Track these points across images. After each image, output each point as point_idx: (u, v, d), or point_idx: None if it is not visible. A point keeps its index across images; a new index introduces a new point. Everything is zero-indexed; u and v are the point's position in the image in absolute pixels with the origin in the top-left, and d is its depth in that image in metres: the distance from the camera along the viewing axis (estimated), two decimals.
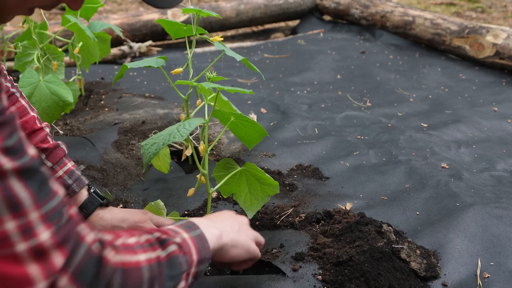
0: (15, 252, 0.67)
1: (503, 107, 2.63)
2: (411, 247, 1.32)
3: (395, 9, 4.02)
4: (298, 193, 1.67)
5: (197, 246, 0.94)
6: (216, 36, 1.38)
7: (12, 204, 0.66)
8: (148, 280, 0.82)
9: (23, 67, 2.19)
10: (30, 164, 0.69)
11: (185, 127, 1.17)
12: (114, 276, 0.78)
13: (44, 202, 0.70)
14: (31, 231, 0.68)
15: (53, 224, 0.71)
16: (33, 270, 0.68)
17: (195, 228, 0.97)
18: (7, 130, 0.67)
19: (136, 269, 0.82)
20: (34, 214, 0.69)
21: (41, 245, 0.69)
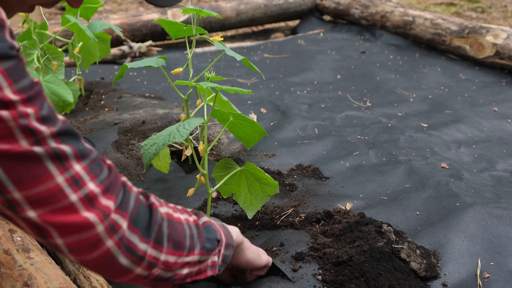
0: (70, 202, 0.75)
1: (503, 107, 2.63)
2: (411, 247, 1.32)
3: (395, 9, 4.02)
4: (298, 193, 1.67)
5: (223, 230, 1.01)
6: (216, 36, 1.39)
7: (59, 159, 0.75)
8: (189, 236, 0.90)
9: None
10: (65, 127, 0.77)
11: (185, 127, 1.17)
12: (163, 224, 0.86)
13: (84, 156, 0.78)
14: (79, 182, 0.76)
15: (96, 175, 0.79)
16: (89, 215, 0.77)
17: (217, 220, 1.05)
18: (39, 101, 0.74)
19: (179, 224, 0.90)
20: (78, 166, 0.77)
21: (91, 192, 0.77)
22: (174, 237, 0.87)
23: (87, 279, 1.07)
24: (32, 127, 0.72)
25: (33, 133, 0.72)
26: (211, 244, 0.95)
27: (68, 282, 0.91)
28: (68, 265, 1.13)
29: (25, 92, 0.72)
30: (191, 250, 0.90)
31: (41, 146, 0.73)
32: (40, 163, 0.73)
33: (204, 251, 0.93)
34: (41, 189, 0.73)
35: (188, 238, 0.90)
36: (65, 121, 0.78)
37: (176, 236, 0.88)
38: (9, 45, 0.70)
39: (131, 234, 0.81)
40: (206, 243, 0.94)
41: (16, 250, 0.95)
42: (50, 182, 0.74)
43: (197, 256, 0.92)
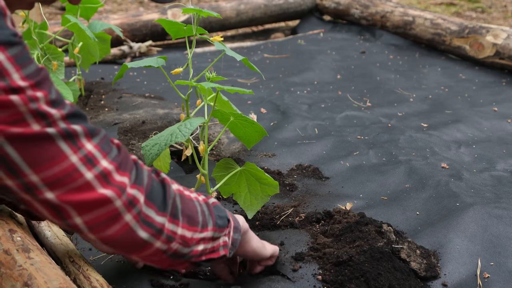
0: (86, 181, 0.78)
1: (503, 107, 2.63)
2: (411, 247, 1.32)
3: (395, 9, 4.02)
4: (298, 193, 1.67)
5: (231, 215, 1.03)
6: (216, 36, 1.39)
7: (71, 138, 0.77)
8: (201, 212, 0.93)
9: None
10: (73, 110, 0.79)
11: (187, 127, 1.17)
12: (176, 199, 0.89)
13: (94, 134, 0.81)
14: (92, 160, 0.79)
15: (108, 153, 0.81)
16: (106, 191, 0.79)
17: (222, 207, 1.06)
18: (47, 85, 0.77)
19: (190, 200, 0.93)
20: (90, 145, 0.79)
21: (105, 169, 0.80)
22: (187, 212, 0.90)
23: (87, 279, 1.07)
24: (42, 110, 0.74)
25: (44, 116, 0.74)
26: (223, 222, 0.97)
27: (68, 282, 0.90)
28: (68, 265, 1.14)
29: (33, 77, 0.74)
30: (205, 226, 0.93)
31: (52, 127, 0.75)
32: (53, 143, 0.75)
33: (216, 227, 0.96)
34: (56, 170, 0.75)
35: (200, 214, 0.92)
36: (73, 104, 0.80)
37: (189, 211, 0.90)
38: (12, 32, 0.71)
39: (148, 208, 0.83)
40: (218, 220, 0.96)
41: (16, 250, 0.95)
42: (65, 162, 0.76)
43: (210, 232, 0.94)
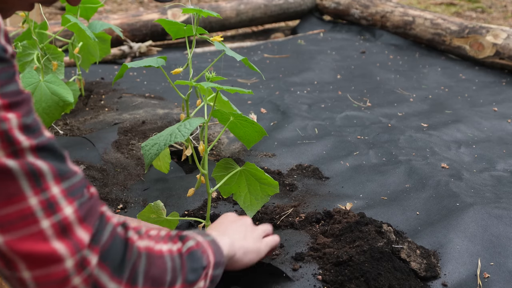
0: (40, 229, 0.67)
1: (503, 107, 2.63)
2: (411, 247, 1.32)
3: (395, 9, 4.02)
4: (298, 193, 1.67)
5: (213, 249, 0.95)
6: (216, 36, 1.39)
7: (35, 178, 0.67)
8: (171, 269, 0.82)
9: (23, 67, 2.19)
10: (48, 142, 0.70)
11: (186, 127, 1.17)
12: (140, 260, 0.78)
13: (65, 178, 0.71)
14: (54, 206, 0.68)
15: (75, 199, 0.71)
16: (60, 247, 0.68)
17: (207, 234, 0.99)
18: (25, 108, 0.69)
19: (160, 257, 0.81)
20: (56, 189, 0.69)
21: (65, 219, 0.69)
22: (153, 273, 0.79)
23: None
24: (11, 134, 0.66)
25: (11, 142, 0.66)
26: (195, 275, 0.87)
27: None
28: None
29: (9, 97, 0.67)
30: (172, 284, 0.83)
31: (17, 159, 0.66)
32: (13, 180, 0.66)
33: (186, 284, 0.85)
34: (10, 210, 0.66)
35: (170, 272, 0.82)
36: (52, 138, 0.72)
37: (155, 272, 0.80)
38: (2, 47, 0.67)
39: (100, 271, 0.73)
40: (189, 275, 0.86)
41: None
42: (22, 203, 0.66)
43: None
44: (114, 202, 1.63)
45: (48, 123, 1.86)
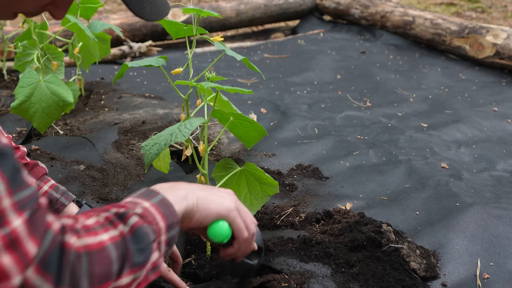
0: None
1: (503, 107, 2.63)
2: (411, 247, 1.32)
3: (395, 9, 4.02)
4: (298, 193, 1.67)
5: (162, 212, 0.86)
6: (216, 36, 1.39)
7: None
8: (116, 258, 0.78)
9: (23, 67, 2.19)
10: (2, 149, 0.67)
11: (187, 127, 1.17)
12: (80, 262, 0.75)
13: (17, 190, 0.68)
14: (3, 218, 0.66)
15: (25, 211, 0.69)
16: (7, 262, 0.66)
17: (154, 194, 0.89)
18: None
19: (102, 250, 0.77)
20: (7, 201, 0.67)
21: (14, 232, 0.67)
22: (97, 271, 0.76)
23: None
24: None
25: None
26: (143, 255, 0.82)
27: None
28: None
29: None
30: (120, 273, 0.79)
31: None
32: None
33: (135, 267, 0.81)
34: None
35: (116, 261, 0.78)
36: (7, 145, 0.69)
37: (99, 268, 0.76)
38: None
39: (42, 281, 0.70)
40: (135, 258, 0.81)
41: None
42: None
43: (127, 277, 0.80)
44: (114, 202, 1.63)
45: (48, 123, 1.86)
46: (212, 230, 0.95)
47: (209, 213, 0.93)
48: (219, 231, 0.95)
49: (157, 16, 0.87)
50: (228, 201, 0.97)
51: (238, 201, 1.00)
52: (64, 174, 1.73)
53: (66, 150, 1.91)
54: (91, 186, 1.69)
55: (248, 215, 1.00)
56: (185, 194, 0.92)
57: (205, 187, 0.98)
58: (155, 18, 0.86)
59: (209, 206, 0.94)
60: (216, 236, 0.95)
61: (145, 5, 0.83)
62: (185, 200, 0.91)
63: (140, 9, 0.83)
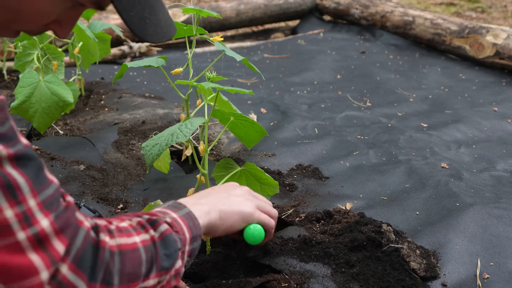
0: (16, 241, 0.67)
1: (503, 107, 2.63)
2: (411, 247, 1.32)
3: (395, 9, 4.02)
4: (298, 193, 1.67)
5: (188, 224, 0.93)
6: (216, 36, 1.39)
7: (10, 191, 0.66)
8: (146, 261, 0.82)
9: (23, 67, 2.19)
10: (24, 151, 0.69)
11: (188, 127, 1.17)
12: (113, 260, 0.78)
13: (41, 189, 0.70)
14: (30, 218, 0.68)
15: (51, 212, 0.71)
16: (35, 259, 0.68)
17: (182, 207, 0.96)
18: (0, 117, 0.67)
19: (134, 251, 0.81)
20: (33, 201, 0.69)
21: (42, 232, 0.69)
22: (128, 270, 0.79)
23: None
24: None
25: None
26: (169, 261, 0.86)
27: None
28: None
29: None
30: (147, 275, 0.83)
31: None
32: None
33: (162, 271, 0.85)
34: None
35: (145, 263, 0.82)
36: (28, 145, 0.71)
37: (131, 267, 0.80)
38: None
39: (76, 277, 0.72)
40: (163, 262, 0.85)
41: None
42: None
43: (153, 280, 0.84)
44: (114, 202, 1.63)
45: (48, 123, 1.86)
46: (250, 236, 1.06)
47: (234, 223, 1.04)
48: (257, 234, 1.07)
49: (161, 38, 0.83)
50: (247, 205, 1.07)
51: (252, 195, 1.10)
52: (64, 174, 1.73)
53: (66, 150, 1.91)
54: (91, 186, 1.69)
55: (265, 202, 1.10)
56: (208, 210, 1.00)
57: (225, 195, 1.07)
58: (157, 40, 0.83)
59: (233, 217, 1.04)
60: (256, 240, 1.07)
61: (148, 27, 0.79)
62: (208, 215, 0.99)
63: (142, 31, 0.79)
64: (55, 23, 0.79)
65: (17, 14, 0.73)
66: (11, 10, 0.72)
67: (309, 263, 1.26)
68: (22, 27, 0.77)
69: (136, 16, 0.76)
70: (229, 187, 1.13)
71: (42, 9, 0.73)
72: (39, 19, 0.75)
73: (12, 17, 0.73)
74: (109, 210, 1.59)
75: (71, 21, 0.80)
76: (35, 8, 0.73)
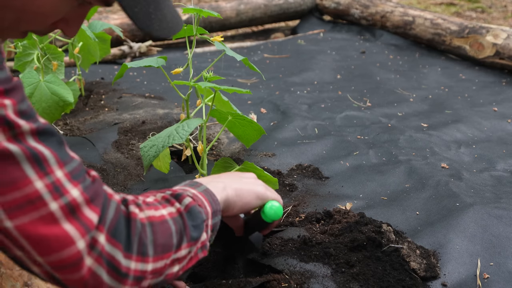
0: (50, 211, 0.68)
1: (503, 107, 2.63)
2: (411, 247, 1.32)
3: (395, 9, 4.02)
4: (298, 193, 1.67)
5: (207, 199, 0.95)
6: (216, 36, 1.39)
7: (38, 162, 0.67)
8: (175, 232, 0.84)
9: (23, 67, 2.19)
10: (45, 126, 0.70)
11: (184, 129, 1.17)
12: (145, 231, 0.80)
13: (66, 162, 0.72)
14: (60, 189, 0.69)
15: (80, 182, 0.72)
16: (70, 228, 0.69)
17: (199, 185, 0.98)
18: (19, 94, 0.68)
19: (163, 222, 0.83)
20: (60, 172, 0.70)
21: (74, 201, 0.70)
22: (160, 240, 0.81)
23: None
24: (9, 119, 0.65)
25: (11, 126, 0.65)
26: (198, 231, 0.89)
27: None
28: None
29: (2, 84, 0.66)
30: (179, 245, 0.85)
31: (18, 143, 0.66)
32: (16, 165, 0.65)
33: (191, 241, 0.87)
34: (17, 195, 0.65)
35: (175, 234, 0.84)
36: (47, 123, 0.72)
37: (162, 238, 0.82)
38: None
39: (113, 248, 0.74)
40: (192, 232, 0.87)
41: None
42: (28, 187, 0.66)
43: (184, 250, 0.86)
44: None
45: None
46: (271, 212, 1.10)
47: (250, 200, 1.07)
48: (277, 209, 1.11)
49: (167, 33, 0.82)
50: (258, 185, 1.10)
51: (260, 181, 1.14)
52: None
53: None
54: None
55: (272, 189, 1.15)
56: (224, 186, 1.02)
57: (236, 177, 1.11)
58: (164, 35, 0.81)
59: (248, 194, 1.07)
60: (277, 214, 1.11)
61: (153, 22, 0.78)
62: (224, 191, 1.01)
63: (148, 26, 0.78)
64: (62, 21, 0.79)
65: (23, 14, 0.73)
66: (17, 10, 0.72)
67: (309, 263, 1.26)
68: (29, 27, 0.77)
69: (140, 12, 0.75)
70: (238, 173, 1.16)
71: (48, 9, 0.73)
72: (45, 18, 0.75)
73: (19, 18, 0.73)
74: None
75: (78, 19, 0.80)
76: (41, 8, 0.73)
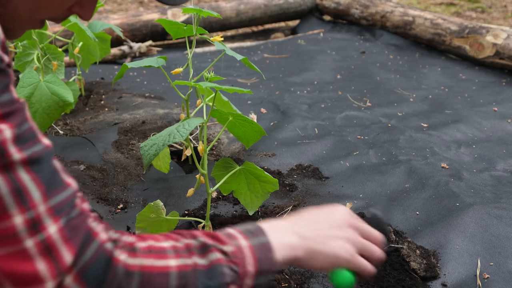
0: (24, 248, 0.66)
1: (503, 107, 2.63)
2: (411, 247, 1.32)
3: (395, 9, 4.02)
4: (298, 193, 1.67)
5: (257, 256, 0.81)
6: (216, 36, 1.38)
7: (21, 196, 0.65)
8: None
9: (23, 67, 2.19)
10: (41, 153, 0.68)
11: (185, 127, 1.17)
12: (130, 280, 0.72)
13: (53, 194, 0.69)
14: (38, 225, 0.67)
15: (61, 217, 0.69)
16: (42, 268, 0.67)
17: (259, 234, 0.84)
18: (19, 117, 0.67)
19: (161, 275, 0.74)
20: (42, 207, 0.67)
21: (49, 238, 0.67)
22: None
23: None
24: (3, 147, 0.64)
25: (2, 153, 0.64)
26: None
27: None
28: None
29: (3, 107, 0.65)
30: None
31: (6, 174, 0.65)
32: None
33: None
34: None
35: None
36: (48, 147, 0.70)
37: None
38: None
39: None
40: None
41: None
42: (6, 222, 0.65)
43: None
44: (114, 202, 1.63)
45: (48, 123, 1.86)
46: (337, 281, 0.89)
47: (323, 265, 0.88)
48: (344, 282, 0.90)
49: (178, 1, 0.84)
50: (345, 249, 0.89)
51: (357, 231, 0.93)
52: None
53: (66, 150, 1.91)
54: (91, 186, 1.69)
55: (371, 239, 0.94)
56: (295, 245, 0.86)
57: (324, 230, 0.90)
58: (174, 2, 0.83)
59: (324, 260, 0.88)
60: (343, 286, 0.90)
61: None
62: (293, 250, 0.85)
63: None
64: (77, 5, 0.80)
65: (41, 1, 0.74)
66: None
67: None
68: (47, 14, 0.77)
69: None
70: (331, 217, 0.95)
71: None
72: (62, 2, 0.76)
73: (36, 5, 0.74)
74: (109, 210, 1.59)
75: (92, 1, 0.81)
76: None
